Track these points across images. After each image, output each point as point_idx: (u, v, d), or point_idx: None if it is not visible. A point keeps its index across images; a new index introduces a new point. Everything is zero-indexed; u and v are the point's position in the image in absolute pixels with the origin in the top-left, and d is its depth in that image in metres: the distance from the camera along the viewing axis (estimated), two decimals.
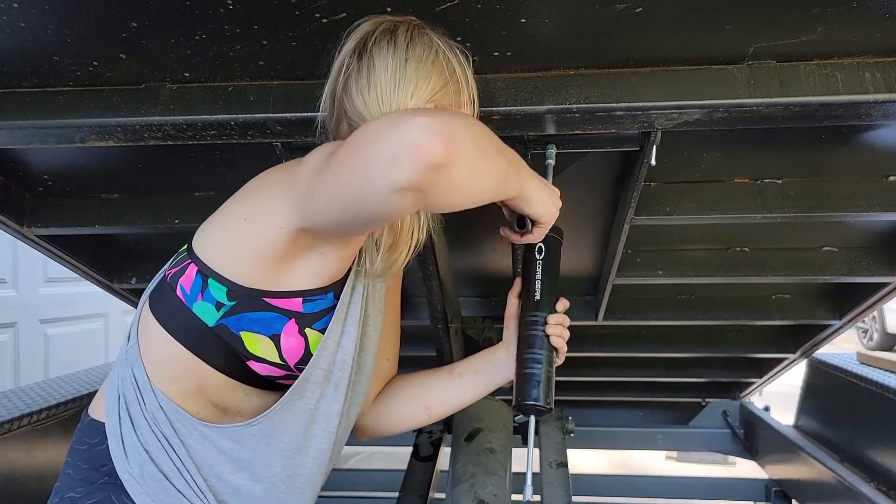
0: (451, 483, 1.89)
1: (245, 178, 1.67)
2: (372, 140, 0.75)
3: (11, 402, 2.08)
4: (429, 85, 0.99)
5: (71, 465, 0.99)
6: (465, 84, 1.05)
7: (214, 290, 0.91)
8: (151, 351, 0.95)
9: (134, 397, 0.94)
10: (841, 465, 2.51)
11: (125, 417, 0.94)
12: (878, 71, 1.14)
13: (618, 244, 1.69)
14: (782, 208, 1.56)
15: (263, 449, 0.96)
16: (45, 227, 1.72)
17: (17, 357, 4.06)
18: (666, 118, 1.22)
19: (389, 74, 0.97)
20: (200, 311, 0.92)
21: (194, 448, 0.93)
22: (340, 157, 0.80)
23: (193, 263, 0.94)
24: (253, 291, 0.91)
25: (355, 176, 0.77)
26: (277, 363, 0.94)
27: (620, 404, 3.52)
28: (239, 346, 0.92)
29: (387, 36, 0.99)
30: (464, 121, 0.85)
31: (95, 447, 0.97)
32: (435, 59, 1.00)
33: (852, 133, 1.47)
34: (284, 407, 0.96)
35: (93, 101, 1.27)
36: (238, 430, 0.95)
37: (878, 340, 7.66)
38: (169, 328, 0.94)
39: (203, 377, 0.94)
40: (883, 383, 2.39)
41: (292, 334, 0.94)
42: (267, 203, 0.90)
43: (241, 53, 1.18)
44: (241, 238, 0.91)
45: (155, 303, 0.98)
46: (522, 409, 1.18)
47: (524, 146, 1.41)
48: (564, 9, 1.05)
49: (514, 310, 1.27)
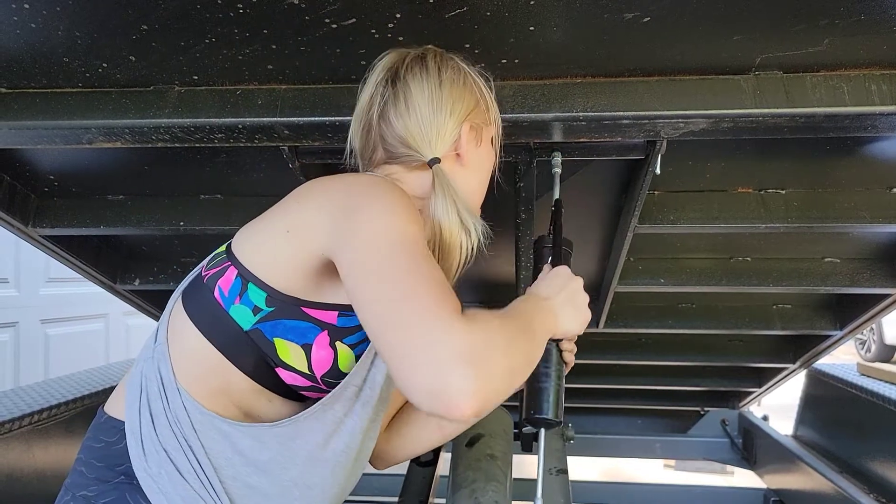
0: (452, 489, 1.89)
1: (251, 181, 1.69)
2: (415, 342, 0.73)
3: (12, 401, 2.07)
4: (464, 105, 1.03)
5: (84, 462, 0.98)
6: (490, 104, 1.10)
7: (254, 294, 0.91)
8: (181, 349, 0.95)
9: (157, 394, 0.94)
10: (840, 475, 2.50)
11: (146, 415, 0.94)
12: (885, 83, 1.14)
13: (620, 252, 1.70)
14: (785, 218, 1.56)
15: (284, 452, 0.96)
16: (49, 227, 1.73)
17: (17, 357, 4.05)
18: (672, 127, 1.22)
19: (426, 98, 1.00)
20: (237, 314, 0.92)
21: (212, 448, 0.93)
22: (386, 290, 0.77)
23: (233, 266, 0.94)
24: (292, 299, 0.92)
25: (398, 350, 0.74)
26: (305, 373, 0.94)
27: (619, 412, 3.52)
28: (271, 352, 0.93)
29: (418, 62, 1.03)
30: (503, 336, 0.81)
31: (113, 445, 0.96)
32: (465, 80, 1.05)
33: (856, 144, 1.47)
34: (312, 416, 0.96)
35: (101, 103, 1.27)
36: (261, 429, 0.95)
37: (876, 352, 7.66)
38: (202, 327, 0.94)
39: (229, 379, 0.94)
40: (884, 395, 2.39)
41: (323, 346, 0.94)
42: (311, 220, 0.90)
43: (250, 57, 1.18)
44: (282, 248, 0.91)
45: (189, 302, 0.98)
46: (533, 422, 1.19)
47: (530, 153, 1.41)
48: (572, 17, 1.06)
49: None
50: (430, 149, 1.01)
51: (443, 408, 0.72)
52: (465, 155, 1.04)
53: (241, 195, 1.73)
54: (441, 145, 1.02)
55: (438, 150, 1.01)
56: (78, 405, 2.17)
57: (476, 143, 1.07)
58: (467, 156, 1.05)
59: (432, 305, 0.75)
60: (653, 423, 3.59)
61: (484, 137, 1.09)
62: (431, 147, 1.01)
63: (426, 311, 0.74)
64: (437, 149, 1.01)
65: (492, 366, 0.76)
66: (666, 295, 2.16)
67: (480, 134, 1.08)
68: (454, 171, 1.04)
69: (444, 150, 1.02)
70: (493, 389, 0.75)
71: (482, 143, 1.09)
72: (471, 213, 1.00)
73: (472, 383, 0.72)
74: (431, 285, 0.77)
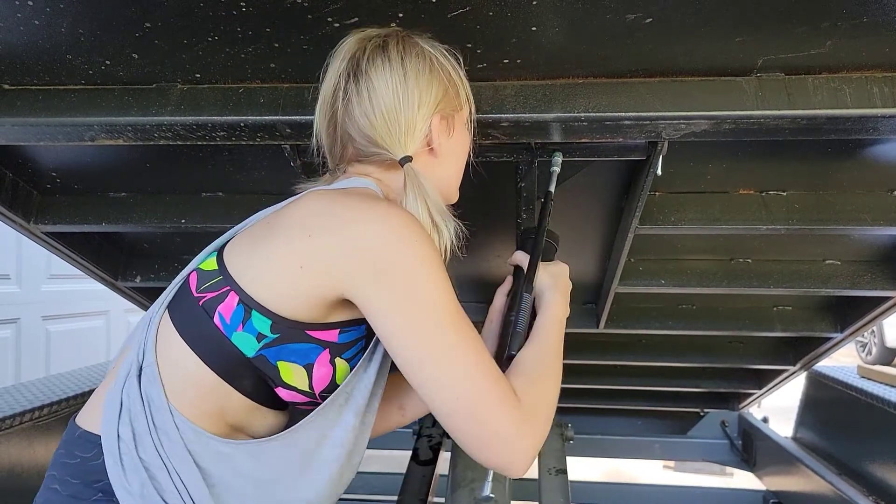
0: (451, 487, 1.89)
1: (253, 180, 1.69)
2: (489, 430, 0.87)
3: (13, 397, 2.08)
4: (431, 95, 1.00)
5: (58, 479, 0.92)
6: (461, 85, 1.07)
7: (258, 322, 0.89)
8: (175, 372, 0.92)
9: (141, 414, 0.90)
10: (839, 477, 2.51)
11: (126, 432, 0.90)
12: (887, 85, 1.14)
13: (621, 252, 1.70)
14: (786, 220, 1.56)
15: (278, 465, 0.94)
16: (52, 224, 1.73)
17: (18, 353, 4.06)
18: (673, 128, 1.22)
19: (391, 92, 0.97)
20: (240, 341, 0.89)
21: (209, 469, 0.90)
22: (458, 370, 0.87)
23: (234, 292, 0.90)
24: (297, 324, 0.90)
25: (469, 433, 0.88)
26: (305, 391, 0.94)
27: (619, 412, 3.52)
28: (274, 375, 0.91)
29: (379, 53, 0.99)
30: (550, 394, 1.00)
31: (89, 461, 0.91)
32: (431, 68, 1.01)
33: (858, 147, 1.47)
34: (306, 426, 0.95)
35: (104, 100, 1.27)
36: (257, 445, 0.93)
37: (876, 355, 7.64)
38: (201, 353, 0.91)
39: (227, 400, 0.92)
40: (884, 397, 2.39)
41: (324, 364, 0.93)
42: (328, 261, 0.87)
43: (252, 56, 1.19)
44: (294, 282, 0.88)
45: (182, 324, 0.93)
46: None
47: (531, 153, 1.42)
48: (574, 18, 1.06)
49: (500, 306, 1.26)
50: (400, 147, 0.99)
51: (509, 473, 0.89)
52: (438, 148, 1.03)
53: (243, 193, 1.73)
54: (411, 142, 1.00)
55: (409, 148, 1.00)
56: (79, 401, 2.18)
57: (448, 132, 1.05)
58: (440, 148, 1.03)
59: (490, 392, 0.87)
60: (652, 424, 3.59)
61: (457, 124, 1.07)
62: (401, 145, 0.99)
63: (487, 400, 0.87)
64: (407, 146, 0.99)
65: (544, 429, 0.94)
66: (666, 296, 2.16)
67: (452, 122, 1.06)
68: (428, 164, 1.03)
69: (415, 147, 1.00)
70: (543, 438, 0.93)
71: (455, 131, 1.07)
72: (443, 212, 0.98)
73: (534, 451, 0.89)
74: (481, 359, 0.88)
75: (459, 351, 0.87)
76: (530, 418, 0.90)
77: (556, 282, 1.19)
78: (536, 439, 0.90)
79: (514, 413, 0.88)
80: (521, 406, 0.89)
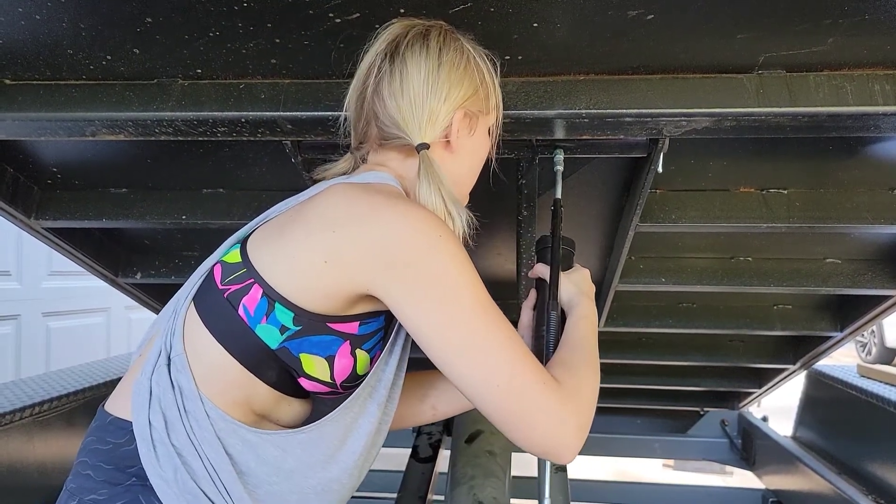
0: (451, 485, 1.89)
1: (253, 176, 1.69)
2: (535, 412, 0.88)
3: (13, 393, 2.08)
4: (461, 91, 1.00)
5: (90, 465, 0.94)
6: (493, 90, 1.07)
7: (281, 314, 0.90)
8: (202, 362, 0.93)
9: (172, 402, 0.92)
10: (839, 476, 2.51)
11: (158, 420, 0.91)
12: (888, 83, 1.14)
13: (622, 250, 1.70)
14: (787, 219, 1.56)
15: (305, 458, 0.95)
16: (52, 219, 1.73)
17: (18, 350, 4.06)
18: (675, 125, 1.22)
19: (422, 79, 0.98)
20: (264, 333, 0.90)
21: (238, 457, 0.92)
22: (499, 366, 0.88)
23: (258, 284, 0.91)
24: (319, 317, 0.91)
25: (511, 419, 0.89)
26: (327, 382, 0.95)
27: (618, 411, 3.52)
28: (297, 366, 0.93)
29: (420, 40, 1.00)
30: (591, 381, 1.00)
31: (121, 447, 0.93)
32: (467, 65, 1.01)
33: (859, 145, 1.47)
34: (332, 420, 0.96)
35: (105, 95, 1.27)
36: (285, 437, 0.94)
37: (876, 354, 7.64)
38: (227, 345, 0.92)
39: (253, 390, 0.93)
40: (884, 396, 2.39)
41: (345, 355, 0.94)
42: (354, 257, 0.88)
43: (253, 51, 1.19)
44: (319, 277, 0.89)
45: (209, 316, 0.95)
46: None
47: (532, 150, 1.42)
48: (576, 14, 1.06)
49: (528, 321, 1.27)
50: (419, 133, 0.99)
51: (556, 459, 0.91)
52: (455, 143, 1.03)
53: (244, 189, 1.73)
54: (430, 131, 1.00)
55: (428, 136, 1.00)
56: (79, 397, 2.18)
57: (469, 130, 1.05)
58: (457, 143, 1.03)
59: (531, 375, 0.88)
60: (652, 423, 3.60)
61: (479, 126, 1.07)
62: (421, 131, 0.99)
63: (529, 384, 0.88)
64: (426, 134, 1.00)
65: (589, 413, 0.95)
66: (667, 294, 2.16)
67: (476, 122, 1.06)
68: (443, 157, 1.03)
69: (434, 136, 1.00)
70: (589, 424, 0.94)
71: (476, 132, 1.07)
72: (456, 201, 0.98)
73: (580, 436, 0.90)
74: (517, 347, 0.89)
75: (496, 341, 0.88)
76: (574, 397, 0.92)
77: (580, 289, 1.20)
78: (583, 418, 0.92)
79: (558, 393, 0.89)
80: (563, 388, 0.91)
